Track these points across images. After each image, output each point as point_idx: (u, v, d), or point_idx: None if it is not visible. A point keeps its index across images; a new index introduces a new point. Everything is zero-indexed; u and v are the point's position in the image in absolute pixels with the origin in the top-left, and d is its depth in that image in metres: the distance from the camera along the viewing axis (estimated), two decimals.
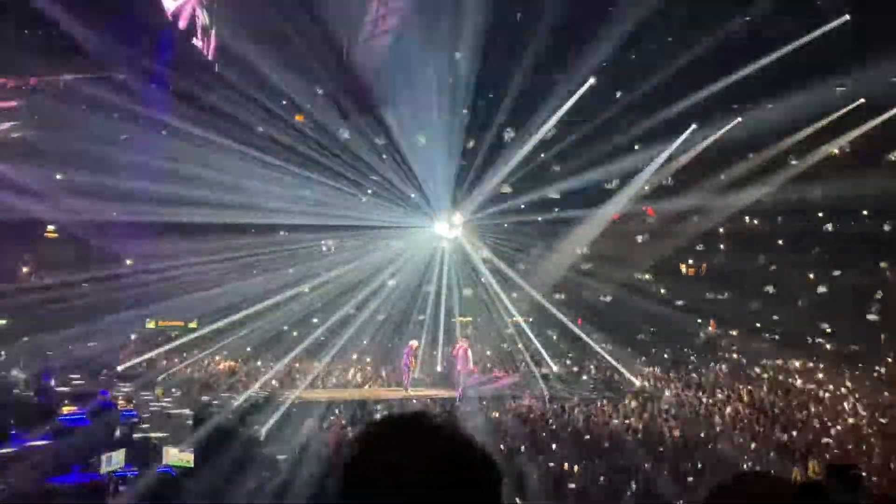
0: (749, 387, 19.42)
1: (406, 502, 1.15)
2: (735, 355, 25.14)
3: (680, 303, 27.86)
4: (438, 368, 23.07)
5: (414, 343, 21.18)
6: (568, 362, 24.24)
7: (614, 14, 21.25)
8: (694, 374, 22.01)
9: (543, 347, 24.85)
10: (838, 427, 14.93)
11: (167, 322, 25.86)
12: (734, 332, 27.03)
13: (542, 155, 28.39)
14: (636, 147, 26.51)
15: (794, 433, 14.51)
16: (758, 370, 22.59)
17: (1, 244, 23.80)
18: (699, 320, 28.54)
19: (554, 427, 15.20)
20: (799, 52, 21.61)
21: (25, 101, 22.58)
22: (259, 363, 22.64)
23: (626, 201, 28.79)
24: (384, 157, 26.99)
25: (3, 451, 12.81)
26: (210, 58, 17.71)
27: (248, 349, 23.78)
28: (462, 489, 1.18)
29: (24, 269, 26.50)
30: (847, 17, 20.47)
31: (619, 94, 25.01)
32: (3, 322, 23.15)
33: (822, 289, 27.08)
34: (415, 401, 18.48)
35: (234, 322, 23.85)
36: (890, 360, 22.70)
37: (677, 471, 12.00)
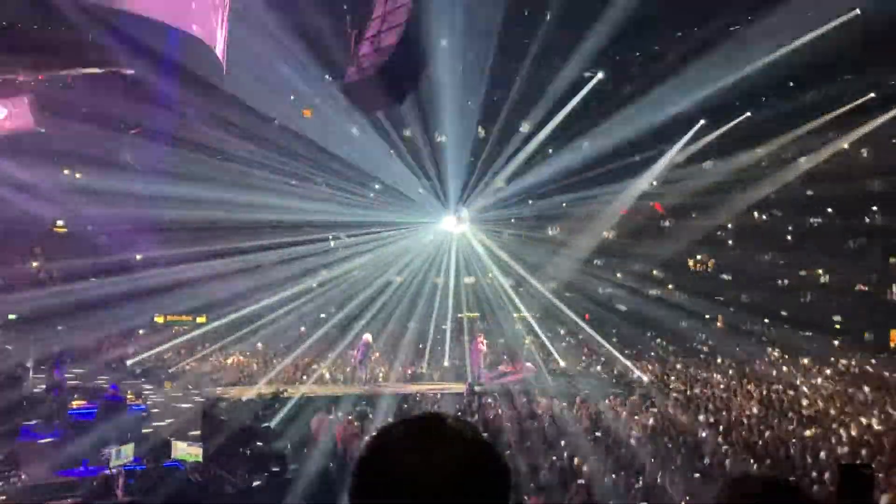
0: (758, 383, 19.33)
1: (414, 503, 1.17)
2: (744, 352, 25.01)
3: (688, 299, 27.75)
4: (445, 363, 23.05)
5: (367, 337, 20.14)
6: (576, 358, 24.18)
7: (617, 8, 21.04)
8: (702, 371, 21.92)
9: (551, 343, 24.81)
10: (847, 425, 14.83)
11: (175, 317, 25.98)
12: (743, 328, 26.93)
13: (550, 150, 28.31)
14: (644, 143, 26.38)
15: (802, 430, 14.45)
16: (766, 367, 22.47)
17: (10, 238, 23.88)
18: (707, 316, 28.43)
19: (561, 423, 15.20)
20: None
21: (34, 96, 22.56)
22: (268, 358, 22.69)
23: (635, 196, 28.69)
24: (392, 152, 26.96)
25: (15, 444, 12.92)
26: (220, 56, 17.66)
27: (258, 344, 23.86)
28: (472, 493, 1.20)
29: (34, 264, 26.60)
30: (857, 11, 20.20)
31: (627, 89, 24.86)
32: (13, 317, 23.26)
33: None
34: (419, 395, 18.45)
35: (242, 317, 23.93)
36: None
37: (685, 467, 11.97)
